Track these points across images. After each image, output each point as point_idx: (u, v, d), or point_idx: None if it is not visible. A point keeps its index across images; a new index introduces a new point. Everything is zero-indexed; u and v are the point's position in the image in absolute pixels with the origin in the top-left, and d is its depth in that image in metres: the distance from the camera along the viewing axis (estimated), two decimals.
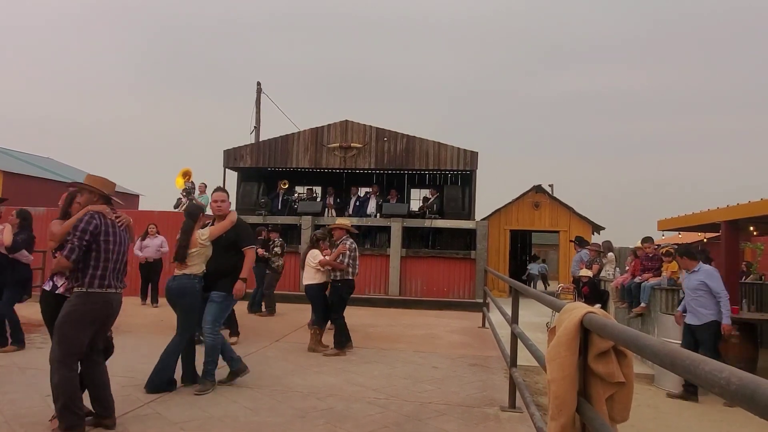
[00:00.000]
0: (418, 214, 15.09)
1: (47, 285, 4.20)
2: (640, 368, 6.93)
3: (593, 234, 16.58)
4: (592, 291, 9.64)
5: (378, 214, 14.79)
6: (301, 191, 16.55)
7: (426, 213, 14.95)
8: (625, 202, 72.48)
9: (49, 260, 9.45)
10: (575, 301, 4.86)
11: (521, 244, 21.66)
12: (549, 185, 19.11)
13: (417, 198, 16.85)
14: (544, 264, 23.25)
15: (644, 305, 8.11)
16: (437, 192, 15.34)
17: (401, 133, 14.82)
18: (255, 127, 19.91)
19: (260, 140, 17.38)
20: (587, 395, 2.15)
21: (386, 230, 14.29)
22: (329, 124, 15.09)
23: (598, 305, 8.98)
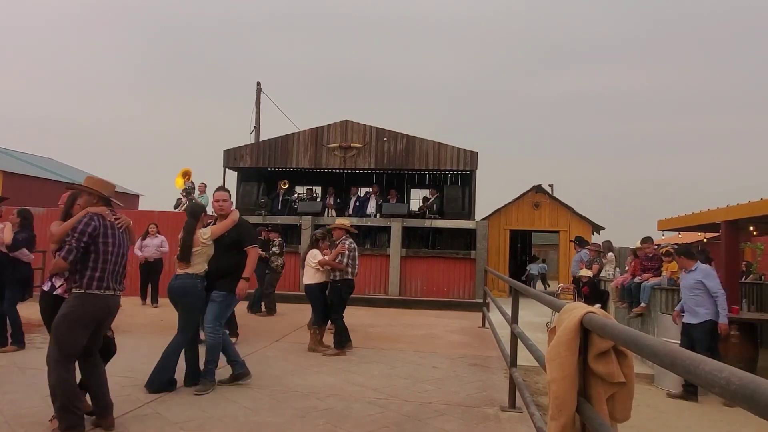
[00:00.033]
0: (418, 214, 15.09)
1: (46, 285, 4.20)
2: (640, 368, 6.93)
3: (593, 234, 16.59)
4: (592, 291, 9.65)
5: (378, 214, 14.79)
6: (301, 191, 16.57)
7: (426, 213, 14.95)
8: (625, 202, 72.56)
9: (49, 260, 9.45)
10: (575, 301, 4.87)
11: (521, 244, 21.67)
12: (549, 185, 19.13)
13: (417, 198, 16.86)
14: (544, 264, 23.24)
15: (644, 305, 8.11)
16: (437, 192, 15.35)
17: (401, 133, 14.83)
18: (255, 127, 19.91)
19: (260, 140, 17.38)
20: (587, 395, 2.15)
21: (386, 230, 14.29)
22: (329, 124, 15.10)
23: (598, 305, 8.98)
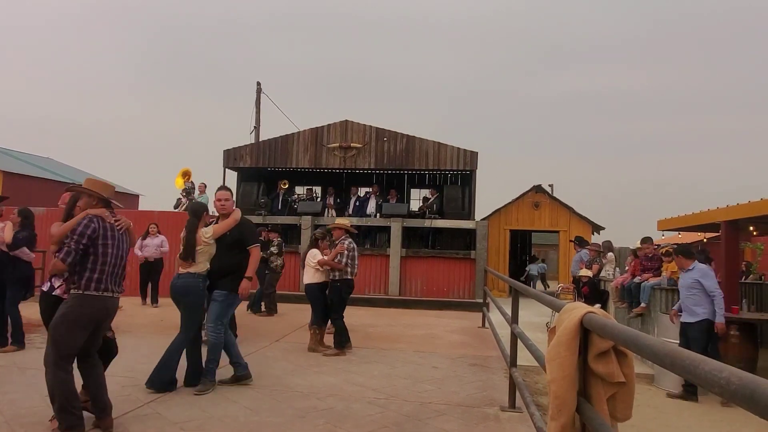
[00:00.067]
0: (418, 214, 15.09)
1: (45, 286, 4.21)
2: (640, 368, 6.92)
3: (593, 234, 16.59)
4: (592, 291, 9.65)
5: (378, 214, 14.79)
6: (301, 192, 16.56)
7: (426, 213, 14.95)
8: (625, 202, 72.56)
9: (49, 261, 9.45)
10: (575, 301, 4.87)
11: (521, 244, 21.67)
12: (549, 185, 19.13)
13: (417, 198, 16.87)
14: (543, 264, 23.26)
15: (644, 305, 8.11)
16: (437, 192, 15.35)
17: (401, 133, 14.82)
18: (255, 127, 19.90)
19: (260, 140, 17.38)
20: (587, 395, 2.15)
21: (386, 230, 14.29)
22: (329, 124, 15.10)
23: (598, 305, 8.98)
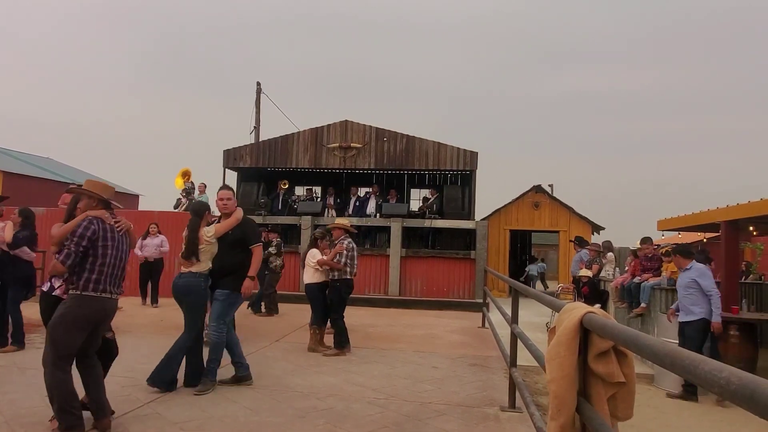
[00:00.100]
0: (418, 214, 15.09)
1: (45, 286, 4.22)
2: (640, 368, 6.92)
3: (593, 234, 16.59)
4: (592, 291, 9.64)
5: (378, 214, 14.79)
6: (301, 193, 16.54)
7: (426, 213, 14.95)
8: (625, 202, 72.56)
9: (48, 261, 9.44)
10: (575, 301, 4.87)
11: (521, 244, 21.66)
12: (549, 185, 19.14)
13: (417, 198, 16.86)
14: (543, 263, 23.28)
15: (644, 305, 8.11)
16: (437, 192, 15.35)
17: (401, 133, 14.82)
18: (255, 127, 19.89)
19: (260, 140, 17.38)
20: (587, 395, 2.14)
21: (386, 230, 14.29)
22: (329, 124, 15.09)
23: (598, 305, 8.98)
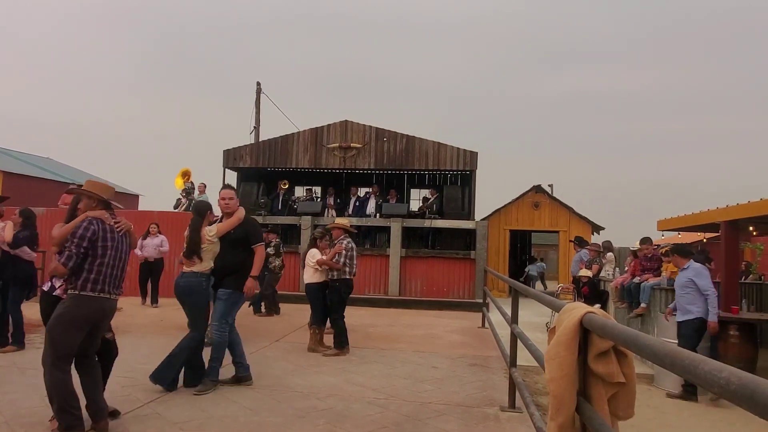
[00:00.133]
0: (418, 214, 15.09)
1: (46, 286, 4.22)
2: (640, 368, 6.92)
3: (593, 234, 16.59)
4: (592, 291, 9.64)
5: (378, 214, 14.79)
6: (301, 193, 16.53)
7: (426, 213, 14.95)
8: (625, 202, 72.52)
9: (48, 261, 9.44)
10: (575, 301, 4.87)
11: (521, 244, 21.66)
12: (549, 185, 19.13)
13: (417, 198, 16.87)
14: (542, 263, 23.29)
15: (644, 306, 8.11)
16: (437, 192, 15.35)
17: (401, 133, 14.82)
18: (255, 127, 19.89)
19: (260, 140, 17.38)
20: (587, 395, 2.14)
21: (386, 230, 14.29)
22: (329, 124, 15.09)
23: (598, 305, 8.98)
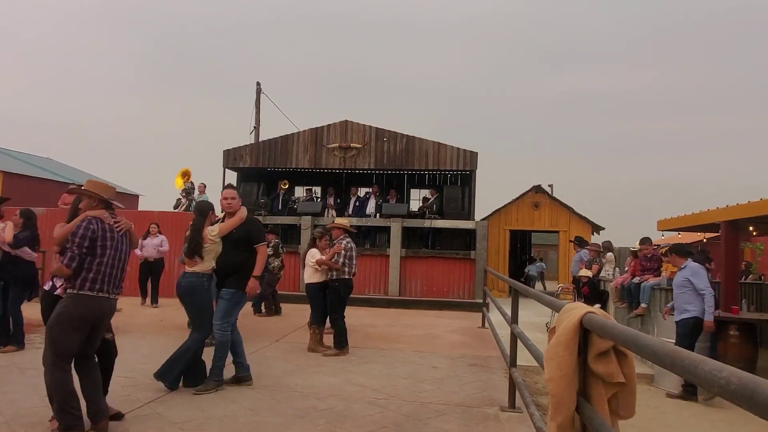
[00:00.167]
0: (418, 214, 15.09)
1: (47, 285, 4.23)
2: (640, 368, 6.92)
3: (593, 234, 16.59)
4: (592, 291, 9.65)
5: (378, 215, 14.79)
6: (301, 193, 16.53)
7: (426, 213, 14.95)
8: (625, 202, 72.50)
9: (48, 261, 9.45)
10: (575, 301, 4.87)
11: (521, 244, 21.67)
12: (549, 185, 19.15)
13: (417, 198, 16.87)
14: (541, 263, 23.31)
15: (645, 306, 8.11)
16: (437, 192, 15.35)
17: (401, 133, 14.82)
18: (255, 127, 19.90)
19: (260, 140, 17.38)
20: (587, 395, 2.14)
21: (386, 230, 14.29)
22: (329, 124, 15.09)
23: (598, 305, 8.98)
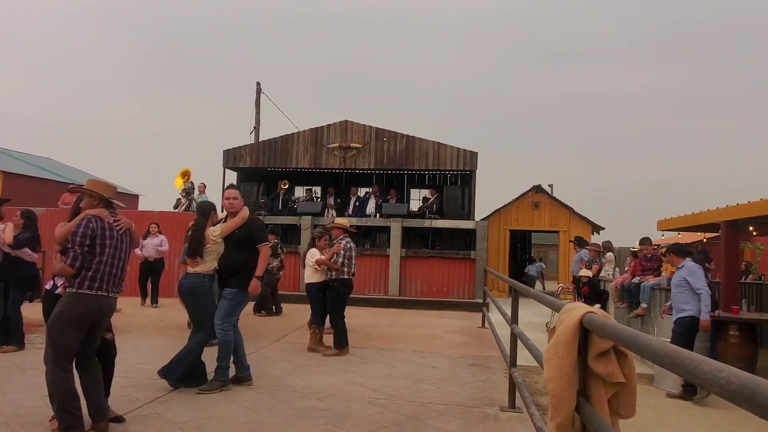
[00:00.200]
0: (418, 214, 15.09)
1: (48, 284, 4.25)
2: (640, 368, 6.92)
3: (593, 234, 16.59)
4: (592, 291, 9.65)
5: (378, 214, 14.79)
6: (301, 193, 16.53)
7: (426, 213, 14.95)
8: (625, 202, 72.46)
9: (49, 261, 9.45)
10: (575, 301, 4.87)
11: (521, 244, 21.67)
12: (549, 185, 19.16)
13: (417, 198, 16.87)
14: (541, 263, 23.32)
15: (645, 306, 8.11)
16: (437, 192, 15.35)
17: (401, 133, 14.83)
18: (255, 127, 19.90)
19: (260, 140, 17.38)
20: (587, 395, 2.14)
21: (386, 230, 14.29)
22: (329, 124, 15.10)
23: (598, 305, 8.98)
